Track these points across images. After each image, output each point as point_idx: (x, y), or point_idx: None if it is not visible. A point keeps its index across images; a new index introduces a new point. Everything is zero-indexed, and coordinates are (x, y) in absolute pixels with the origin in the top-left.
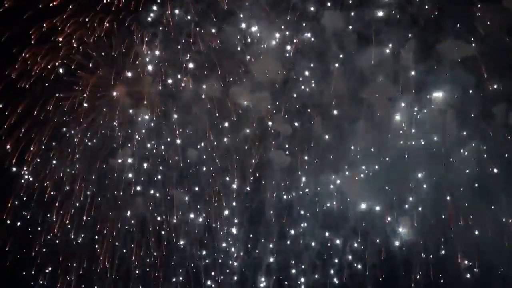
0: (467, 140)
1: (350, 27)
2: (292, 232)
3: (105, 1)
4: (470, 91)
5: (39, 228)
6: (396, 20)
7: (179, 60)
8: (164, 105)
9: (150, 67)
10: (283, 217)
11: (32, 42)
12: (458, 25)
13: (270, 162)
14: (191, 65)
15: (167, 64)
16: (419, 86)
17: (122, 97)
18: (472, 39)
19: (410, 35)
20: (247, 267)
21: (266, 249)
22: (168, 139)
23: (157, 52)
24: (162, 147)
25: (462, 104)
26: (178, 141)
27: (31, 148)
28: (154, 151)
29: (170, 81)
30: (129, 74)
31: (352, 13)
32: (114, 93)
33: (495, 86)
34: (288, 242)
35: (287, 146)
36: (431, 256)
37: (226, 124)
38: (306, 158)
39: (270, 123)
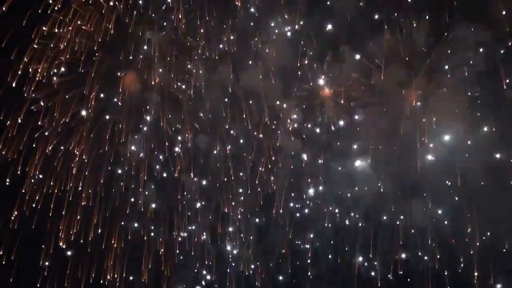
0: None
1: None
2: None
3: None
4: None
5: (45, 238)
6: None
7: (189, 49)
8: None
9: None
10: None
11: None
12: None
13: (281, 149)
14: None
15: (176, 54)
16: (432, 71)
17: (130, 89)
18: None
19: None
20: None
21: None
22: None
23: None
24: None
25: (476, 90)
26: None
27: (36, 156)
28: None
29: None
30: (138, 63)
31: None
32: (122, 88)
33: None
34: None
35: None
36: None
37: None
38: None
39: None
